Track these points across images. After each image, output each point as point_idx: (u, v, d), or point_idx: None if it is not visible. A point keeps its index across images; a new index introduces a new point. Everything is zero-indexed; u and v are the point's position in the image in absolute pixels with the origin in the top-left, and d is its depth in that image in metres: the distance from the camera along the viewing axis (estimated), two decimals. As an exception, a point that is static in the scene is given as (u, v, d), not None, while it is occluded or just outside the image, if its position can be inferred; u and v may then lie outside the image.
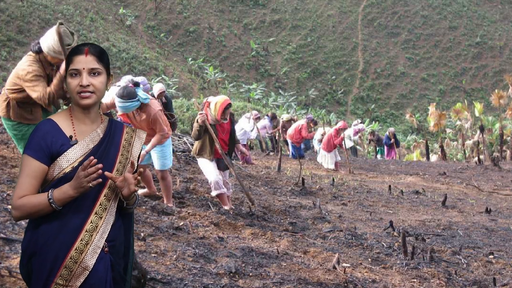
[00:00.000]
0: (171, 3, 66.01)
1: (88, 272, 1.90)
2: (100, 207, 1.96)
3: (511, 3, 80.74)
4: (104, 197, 1.98)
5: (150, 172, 6.24)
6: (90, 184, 1.87)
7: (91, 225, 1.93)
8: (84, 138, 2.00)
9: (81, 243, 1.89)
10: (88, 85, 1.95)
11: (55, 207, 1.87)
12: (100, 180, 1.89)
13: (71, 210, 1.92)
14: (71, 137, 1.98)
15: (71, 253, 1.88)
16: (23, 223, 4.09)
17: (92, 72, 1.97)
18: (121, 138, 2.09)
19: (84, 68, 1.96)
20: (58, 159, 1.93)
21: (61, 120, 2.01)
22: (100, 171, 1.88)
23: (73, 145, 1.96)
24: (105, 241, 1.96)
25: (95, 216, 1.94)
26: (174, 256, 4.05)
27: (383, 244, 5.79)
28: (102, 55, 2.02)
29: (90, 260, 1.90)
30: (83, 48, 1.99)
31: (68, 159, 1.94)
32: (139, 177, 1.98)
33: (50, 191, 1.88)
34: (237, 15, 70.22)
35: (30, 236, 1.94)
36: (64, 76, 2.02)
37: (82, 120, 2.03)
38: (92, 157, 1.88)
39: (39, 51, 4.21)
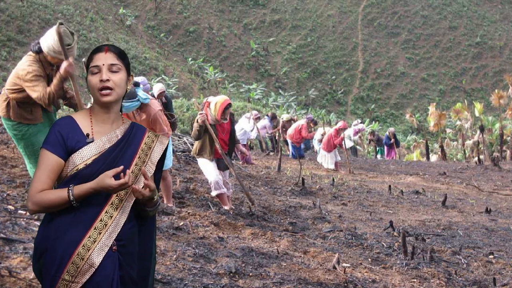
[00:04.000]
0: (171, 3, 66.02)
1: (94, 269, 1.90)
2: (111, 206, 1.97)
3: (511, 3, 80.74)
4: (116, 197, 1.98)
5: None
6: (114, 184, 1.90)
7: (101, 223, 1.94)
8: (101, 137, 2.01)
9: (88, 240, 1.90)
10: (108, 80, 1.97)
11: (74, 203, 1.89)
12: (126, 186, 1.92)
13: (82, 208, 1.93)
14: (87, 135, 1.99)
15: (78, 249, 1.89)
16: (23, 222, 4.09)
17: (112, 69, 2.00)
18: (141, 141, 2.09)
19: (103, 64, 1.99)
20: (72, 156, 1.95)
21: (80, 118, 2.03)
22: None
23: (89, 143, 1.97)
24: (115, 240, 1.96)
25: (105, 215, 1.95)
26: (174, 256, 4.05)
27: (383, 244, 5.79)
28: (122, 54, 2.06)
29: (97, 257, 1.90)
30: (103, 47, 2.04)
31: (82, 156, 1.95)
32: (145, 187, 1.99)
33: (70, 188, 1.90)
34: (237, 15, 70.22)
35: (43, 232, 1.96)
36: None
37: (102, 120, 2.04)
38: (120, 168, 1.91)
39: (39, 51, 4.21)
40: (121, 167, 1.91)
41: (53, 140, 1.95)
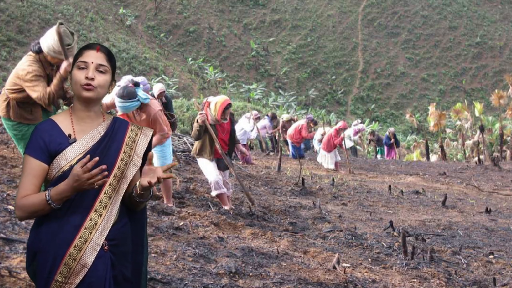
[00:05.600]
0: (171, 3, 66.02)
1: (87, 270, 1.89)
2: (100, 205, 1.96)
3: (511, 3, 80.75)
4: (105, 195, 1.98)
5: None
6: (96, 186, 1.88)
7: (90, 223, 1.93)
8: (83, 136, 2.00)
9: (80, 241, 1.90)
10: (93, 79, 1.97)
11: (53, 206, 1.88)
12: (105, 179, 1.89)
13: (72, 208, 1.93)
14: (69, 135, 1.98)
15: (70, 250, 1.88)
16: (23, 223, 4.09)
17: (99, 69, 2.00)
18: (124, 135, 2.08)
19: (92, 62, 1.99)
20: (56, 158, 1.94)
21: (61, 119, 2.02)
22: (106, 172, 1.89)
23: (71, 143, 1.96)
24: (106, 239, 1.95)
25: (95, 214, 1.94)
26: (174, 256, 4.05)
27: (383, 244, 5.79)
28: (111, 56, 2.06)
29: (89, 257, 1.90)
30: (94, 45, 2.04)
31: (67, 158, 1.94)
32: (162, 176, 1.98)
33: (48, 190, 1.89)
34: (237, 15, 70.23)
35: (34, 235, 1.95)
36: (70, 71, 2.04)
37: (83, 119, 2.03)
38: (95, 158, 1.86)
39: (39, 51, 4.21)
40: (88, 156, 1.87)
41: (35, 146, 1.94)
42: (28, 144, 1.95)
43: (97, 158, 1.86)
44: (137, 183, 2.03)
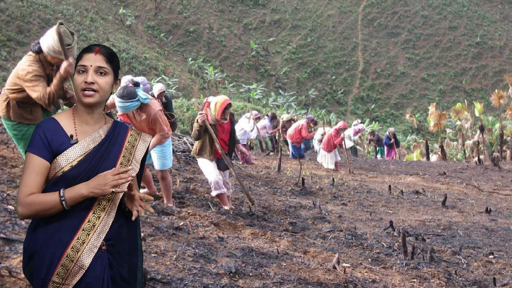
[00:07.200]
0: (171, 3, 66.02)
1: (84, 271, 1.89)
2: (99, 207, 1.96)
3: (511, 3, 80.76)
4: (103, 197, 1.98)
5: (150, 172, 6.24)
6: (113, 189, 1.91)
7: (88, 224, 1.93)
8: (85, 138, 1.99)
9: (77, 242, 1.89)
10: (93, 83, 1.96)
11: (65, 206, 1.88)
12: (126, 189, 1.95)
13: (70, 209, 1.92)
14: (71, 136, 1.98)
15: (67, 251, 1.88)
16: (23, 223, 4.09)
17: (99, 71, 1.99)
18: (124, 139, 2.08)
19: (91, 66, 1.98)
20: (57, 158, 1.94)
21: (63, 119, 2.02)
22: (130, 178, 1.96)
23: (73, 144, 1.96)
24: (104, 240, 1.95)
25: (93, 215, 1.94)
26: (174, 256, 4.05)
27: (383, 244, 5.79)
28: (111, 57, 2.04)
29: (86, 259, 1.89)
30: (94, 47, 2.02)
31: (68, 158, 1.94)
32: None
33: (61, 189, 1.89)
34: (237, 15, 70.23)
35: (31, 236, 1.95)
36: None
37: (85, 120, 2.03)
38: (130, 168, 1.96)
39: (39, 51, 4.21)
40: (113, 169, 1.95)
41: (38, 143, 1.93)
42: (31, 142, 1.95)
43: (130, 170, 1.98)
44: (125, 199, 2.05)
